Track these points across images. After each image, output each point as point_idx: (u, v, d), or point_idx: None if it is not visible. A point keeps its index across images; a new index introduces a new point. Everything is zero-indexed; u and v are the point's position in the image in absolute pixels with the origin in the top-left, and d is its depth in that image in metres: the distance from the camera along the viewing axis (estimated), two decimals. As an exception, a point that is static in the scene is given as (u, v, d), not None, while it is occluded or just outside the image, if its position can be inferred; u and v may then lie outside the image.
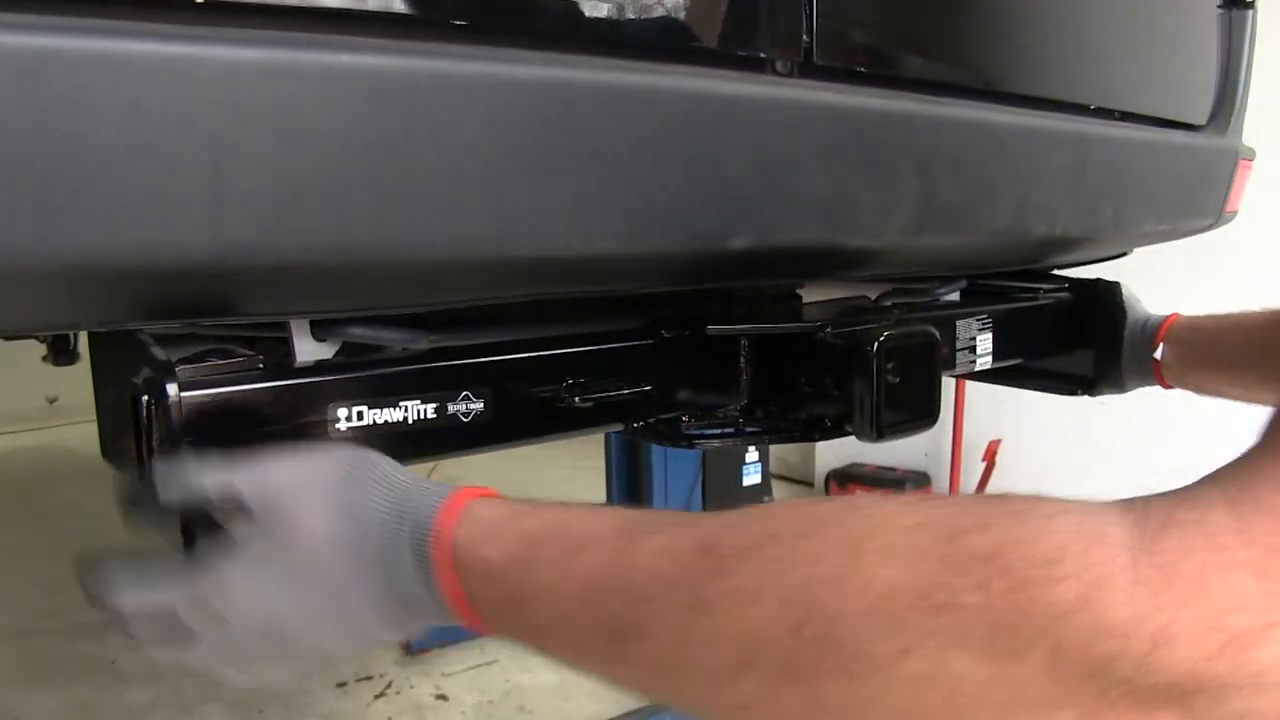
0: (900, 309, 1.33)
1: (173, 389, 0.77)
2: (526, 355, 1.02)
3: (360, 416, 0.89)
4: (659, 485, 3.02)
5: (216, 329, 0.92)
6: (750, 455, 3.24)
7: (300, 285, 0.78)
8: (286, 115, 0.67)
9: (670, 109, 0.87)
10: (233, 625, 0.73)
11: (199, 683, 2.89)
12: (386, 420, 0.91)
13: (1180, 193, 1.55)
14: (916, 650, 0.48)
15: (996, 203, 1.19)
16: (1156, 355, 1.51)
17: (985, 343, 1.44)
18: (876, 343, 1.10)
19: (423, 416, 0.93)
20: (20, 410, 5.85)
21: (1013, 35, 1.29)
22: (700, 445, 1.20)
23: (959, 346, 1.40)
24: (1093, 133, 1.35)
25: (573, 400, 1.03)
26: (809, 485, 5.12)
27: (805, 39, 1.01)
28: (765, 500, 3.25)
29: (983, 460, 4.32)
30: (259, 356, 0.87)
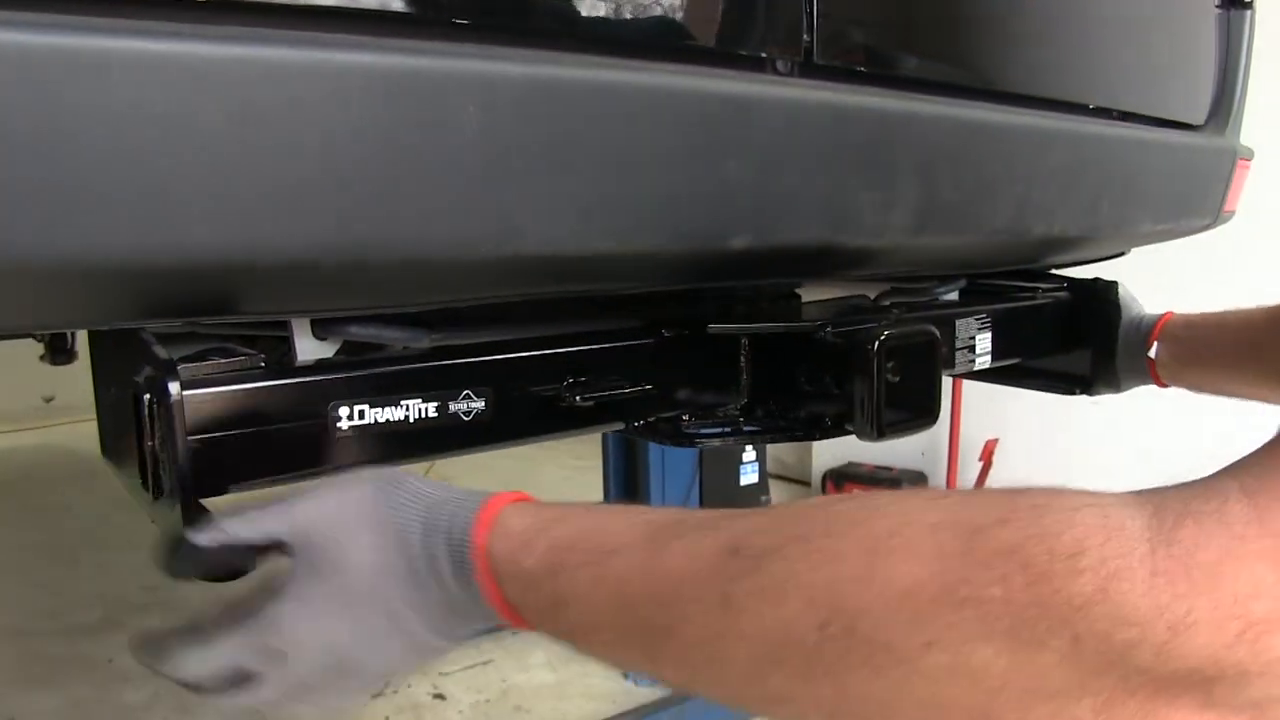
0: (900, 308, 1.34)
1: (175, 387, 0.77)
2: (527, 354, 1.02)
3: (362, 415, 0.89)
4: (656, 485, 3.02)
5: (216, 328, 0.92)
6: (747, 455, 3.23)
7: (302, 284, 0.78)
8: (288, 113, 0.67)
9: (670, 108, 0.88)
10: (294, 661, 0.75)
11: (196, 682, 2.89)
12: (388, 419, 0.91)
13: (1178, 192, 1.55)
14: (940, 643, 0.49)
15: (996, 202, 1.20)
16: (1151, 354, 1.51)
17: (984, 342, 1.44)
18: (877, 342, 1.10)
19: (424, 415, 0.93)
20: (17, 409, 5.84)
21: (1012, 35, 1.29)
22: (701, 444, 1.21)
23: (958, 346, 1.40)
24: (1091, 132, 1.35)
25: (574, 399, 1.03)
26: (805, 485, 5.12)
27: (806, 38, 1.01)
28: (763, 500, 3.26)
29: (979, 460, 4.31)
30: (260, 355, 0.87)
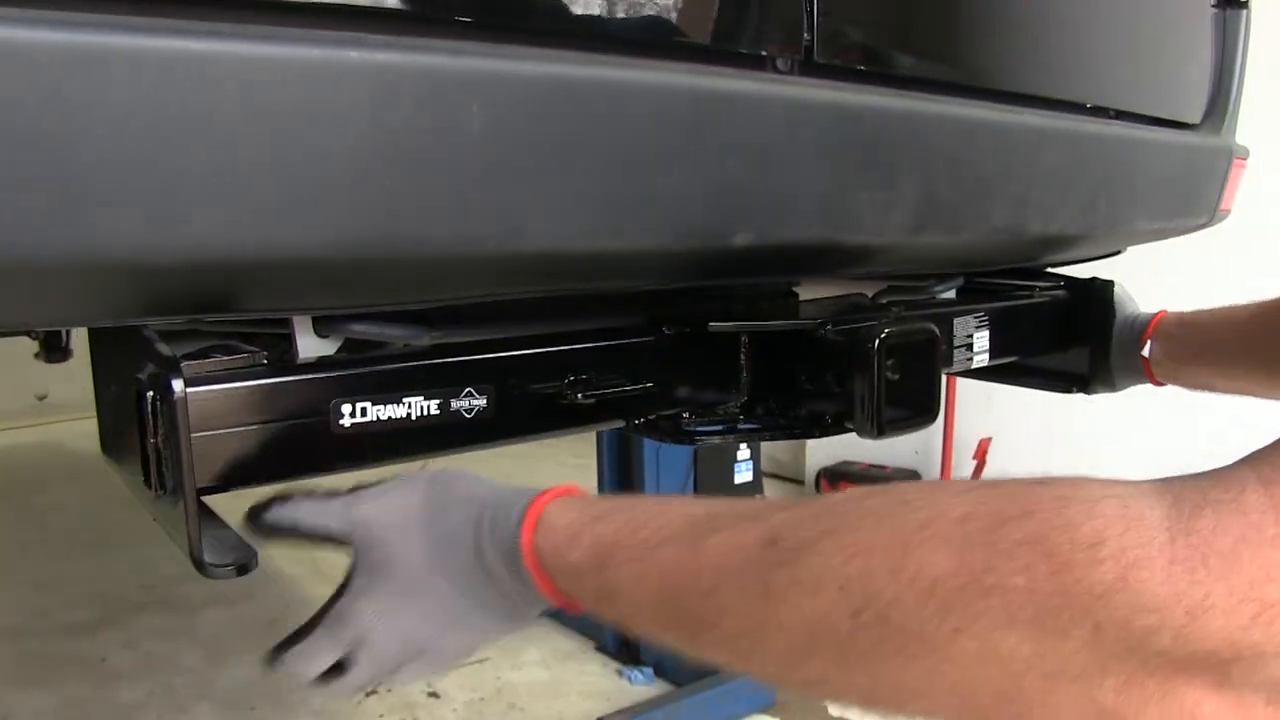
0: (899, 306, 1.34)
1: (178, 384, 0.77)
2: (529, 352, 1.02)
3: (364, 413, 0.90)
4: (651, 483, 3.02)
5: (217, 325, 0.92)
6: (742, 453, 3.23)
7: (306, 281, 0.78)
8: (291, 111, 0.67)
9: (671, 106, 0.88)
10: (371, 646, 0.83)
11: (191, 681, 2.89)
12: (390, 416, 0.91)
13: (1175, 191, 1.55)
14: (968, 631, 0.52)
15: (994, 200, 1.20)
16: (1145, 353, 1.52)
17: (982, 340, 1.45)
18: (878, 340, 1.10)
19: (426, 413, 0.94)
20: (10, 407, 5.84)
21: (1011, 34, 1.29)
22: (701, 442, 1.21)
23: (956, 344, 1.40)
24: (1088, 131, 1.36)
25: (575, 397, 1.03)
26: (799, 483, 5.13)
27: (806, 37, 1.02)
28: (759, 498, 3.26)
29: (973, 459, 4.32)
30: (263, 353, 0.87)
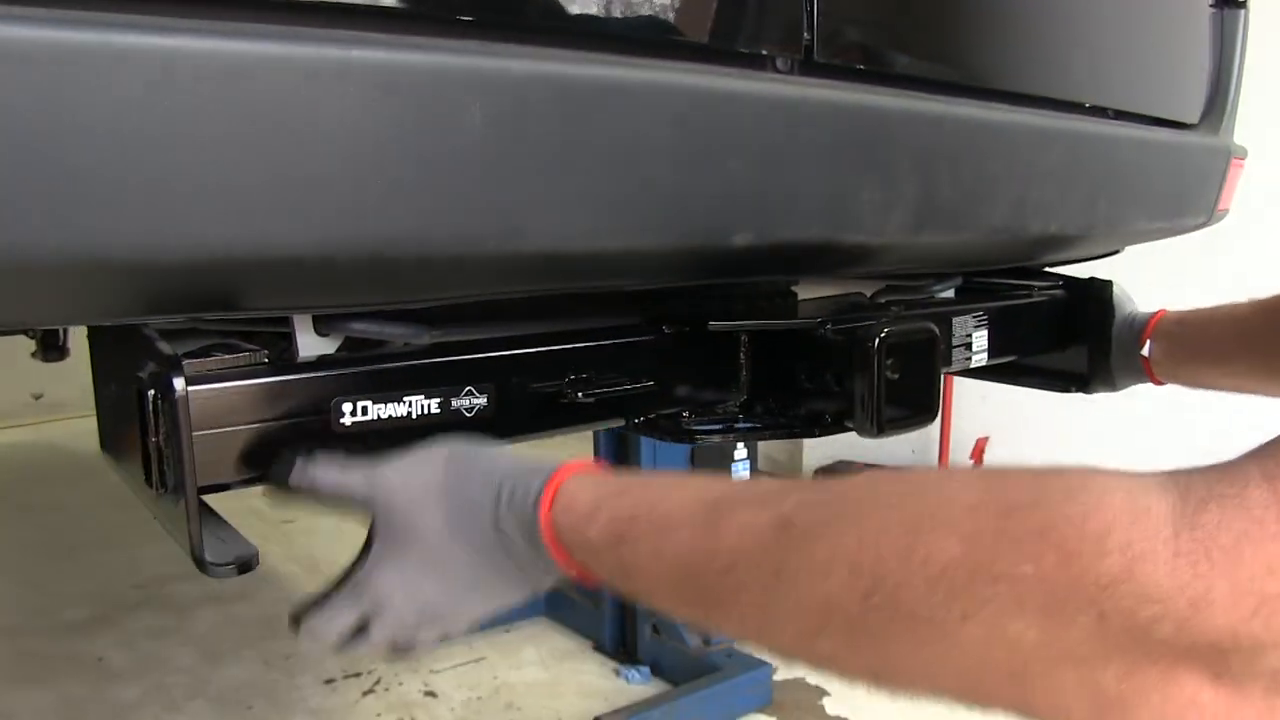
0: (899, 306, 1.34)
1: (179, 383, 0.77)
2: (529, 351, 1.03)
3: (365, 411, 0.90)
4: (647, 482, 3.01)
5: (217, 323, 0.92)
6: (739, 452, 3.23)
7: (308, 280, 0.78)
8: (294, 110, 0.67)
9: (671, 105, 0.88)
10: (390, 611, 0.85)
11: (187, 679, 2.88)
12: (390, 415, 0.92)
13: (1173, 191, 1.56)
14: (976, 616, 0.53)
15: (993, 200, 1.20)
16: (1145, 352, 1.52)
17: (981, 339, 1.45)
18: (878, 339, 1.10)
19: (426, 411, 0.94)
20: (6, 406, 5.82)
21: (1010, 34, 1.30)
22: (701, 440, 1.21)
23: (955, 343, 1.40)
24: (1087, 131, 1.36)
25: (575, 395, 1.04)
26: (797, 482, 5.11)
27: (806, 37, 1.02)
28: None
29: (970, 458, 4.32)
30: (263, 351, 0.87)
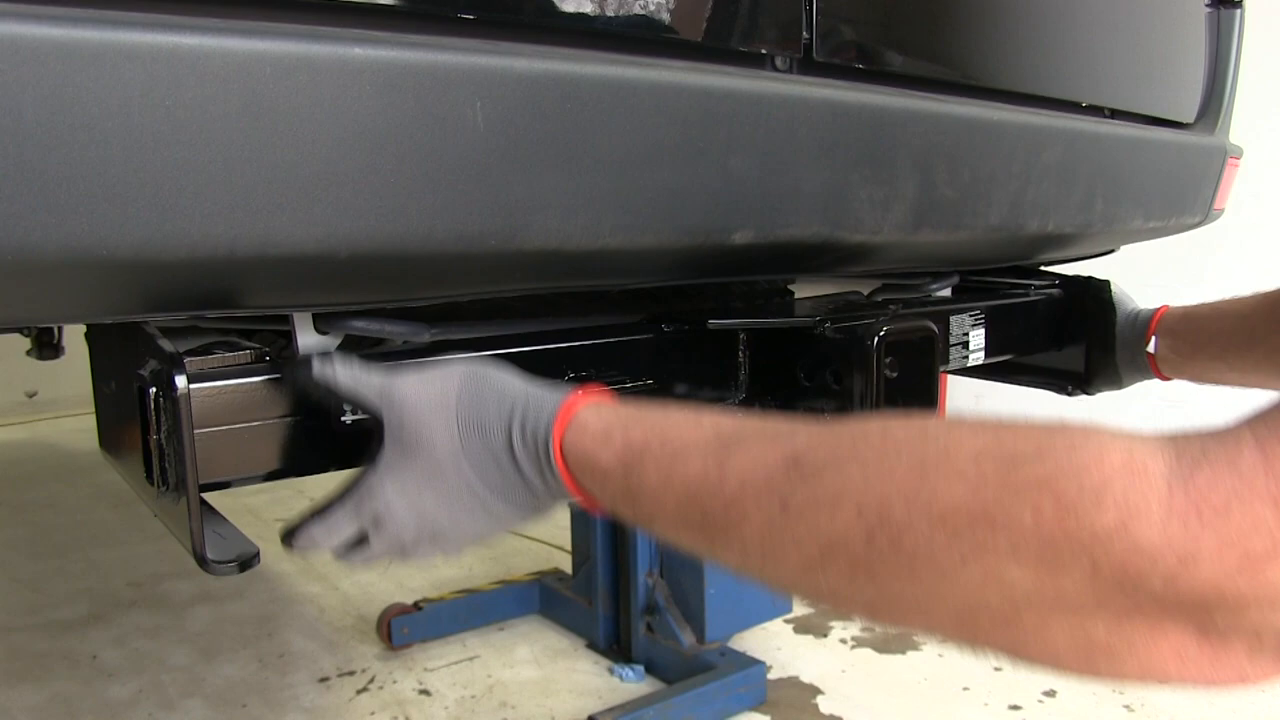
0: (897, 304, 1.34)
1: (181, 381, 0.77)
2: (529, 349, 1.02)
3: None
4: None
5: (216, 321, 0.92)
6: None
7: (310, 278, 0.78)
8: (294, 108, 0.67)
9: (671, 104, 0.88)
10: (390, 523, 0.85)
11: (181, 678, 2.88)
12: (391, 413, 0.91)
13: (1169, 190, 1.56)
14: (974, 560, 0.55)
15: (991, 198, 1.20)
16: (1150, 348, 1.52)
17: (978, 338, 1.45)
18: (877, 337, 1.11)
19: (426, 410, 0.93)
20: (0, 405, 5.82)
21: (1008, 33, 1.30)
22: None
23: (952, 342, 1.41)
24: (1083, 130, 1.36)
25: (575, 394, 1.03)
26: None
27: (805, 36, 1.02)
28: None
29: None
30: (264, 349, 0.87)
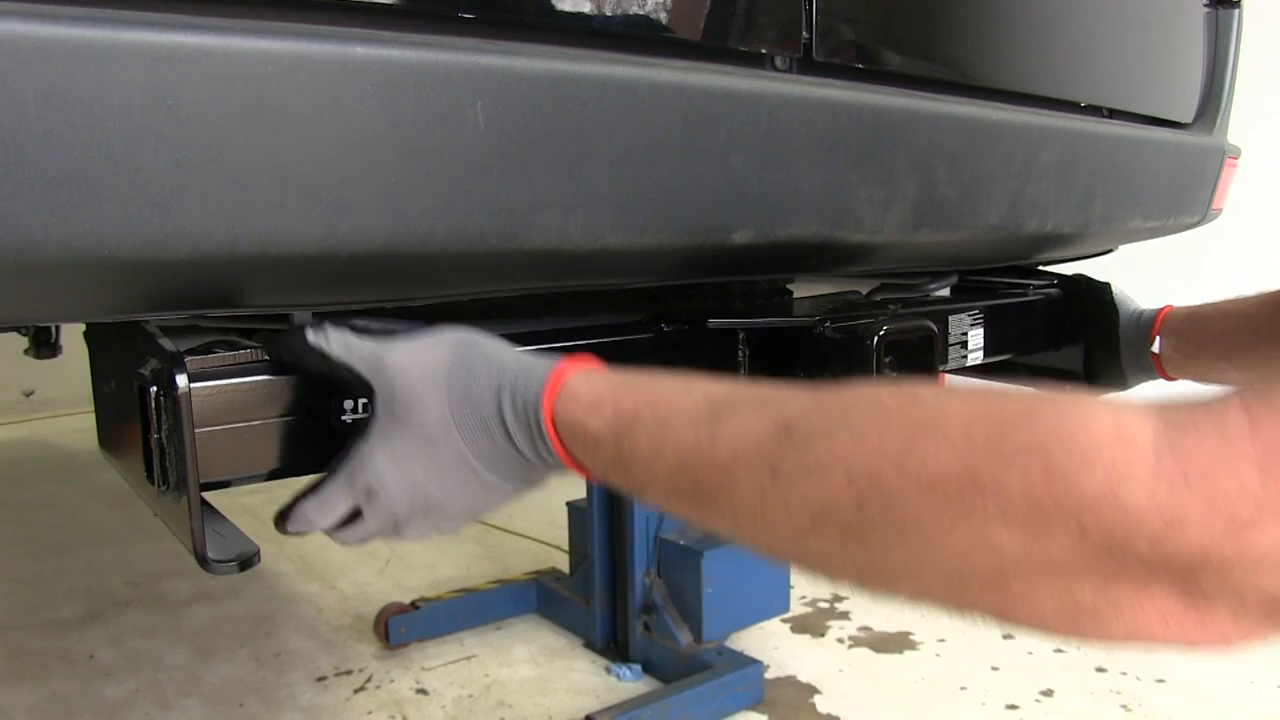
0: (896, 304, 1.34)
1: (182, 380, 0.77)
2: (529, 349, 1.02)
3: (366, 408, 0.89)
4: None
5: (215, 320, 0.92)
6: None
7: (312, 277, 0.78)
8: (295, 107, 0.67)
9: (671, 103, 0.88)
10: (383, 496, 0.83)
11: (178, 677, 2.88)
12: (391, 412, 0.91)
13: (1167, 190, 1.56)
14: (963, 524, 0.55)
15: (990, 198, 1.21)
16: (1155, 349, 1.52)
17: (977, 338, 1.45)
18: (876, 337, 1.11)
19: (427, 408, 0.93)
20: (-4, 404, 5.82)
21: (1006, 33, 1.30)
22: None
23: (951, 341, 1.41)
24: (1082, 129, 1.36)
25: (574, 393, 1.03)
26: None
27: (805, 36, 1.02)
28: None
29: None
30: (264, 348, 0.87)
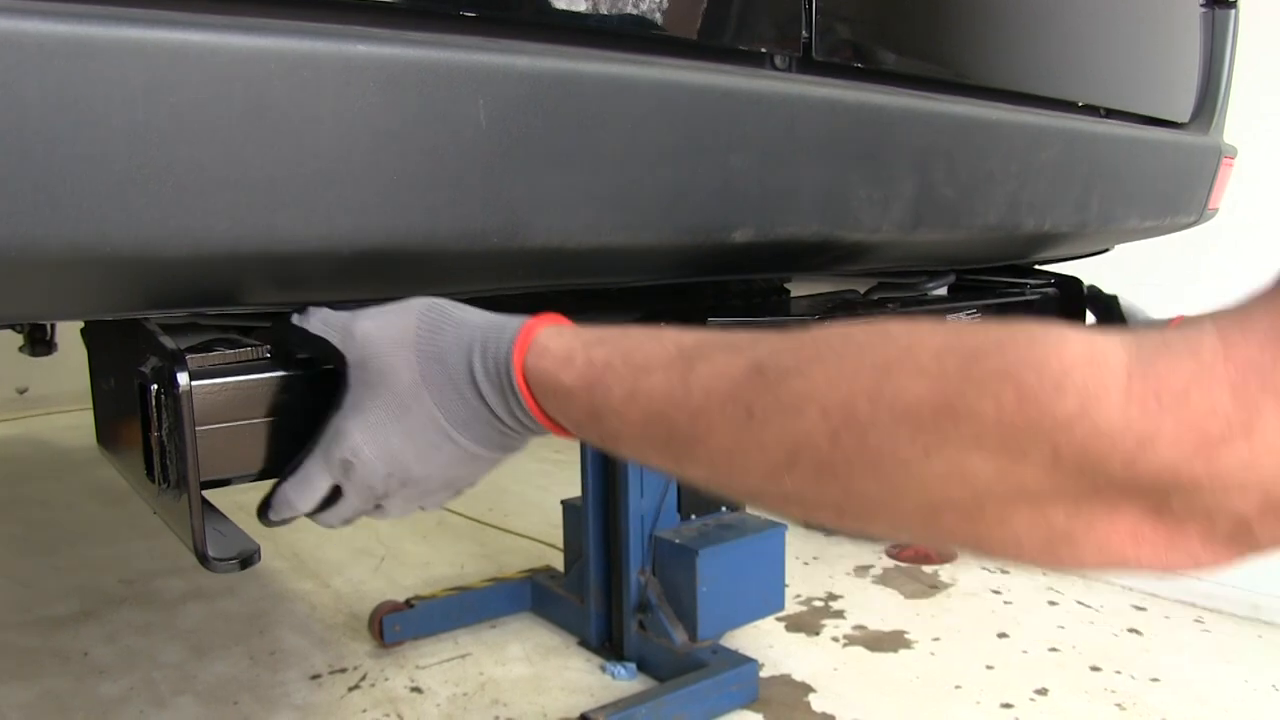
0: (894, 303, 1.34)
1: (183, 378, 0.77)
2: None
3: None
4: (634, 477, 3.02)
5: (214, 318, 0.92)
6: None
7: (312, 274, 0.78)
8: (297, 105, 0.67)
9: (671, 102, 0.88)
10: (360, 468, 0.82)
11: (173, 675, 2.88)
12: (391, 410, 0.91)
13: (1164, 189, 1.57)
14: (938, 451, 0.55)
15: (988, 197, 1.21)
16: None
17: (974, 337, 1.44)
18: (876, 336, 1.10)
19: (427, 407, 0.93)
20: (-10, 401, 5.81)
21: (1004, 33, 1.30)
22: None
23: (949, 340, 1.40)
24: (1080, 129, 1.36)
25: (574, 392, 1.03)
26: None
27: (804, 35, 1.02)
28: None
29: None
30: (265, 346, 0.87)
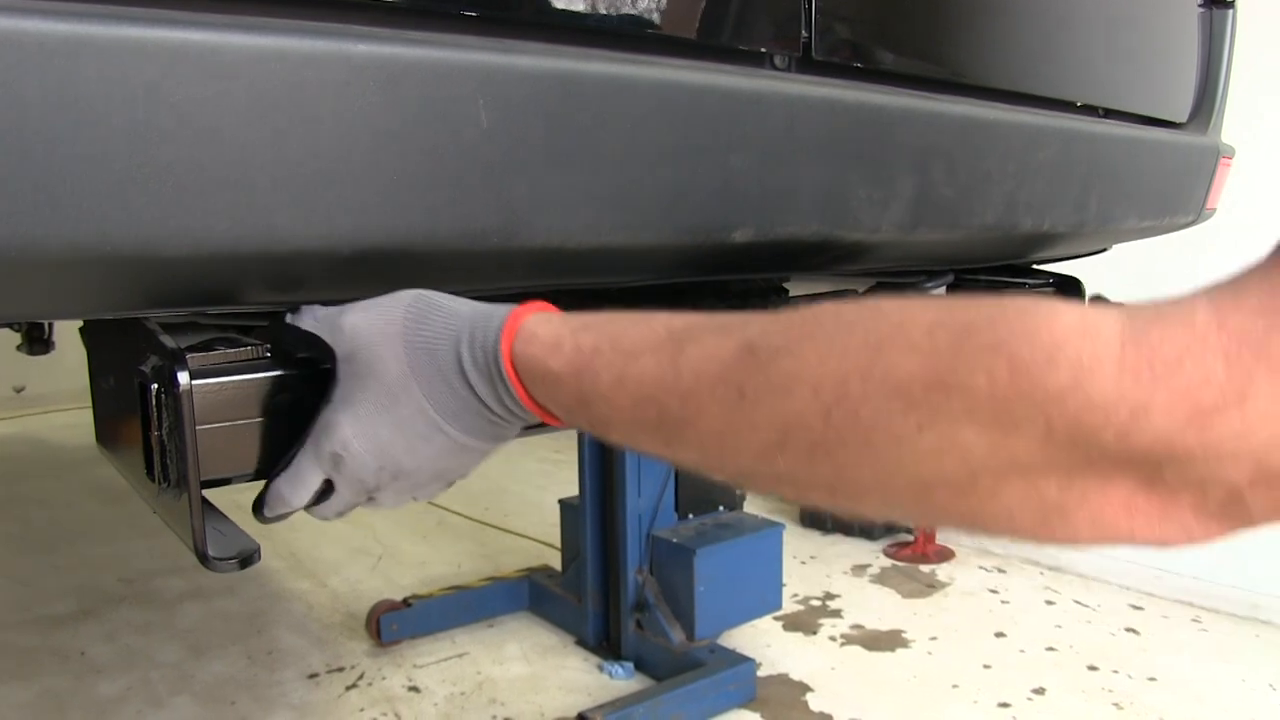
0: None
1: (184, 377, 0.77)
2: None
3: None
4: (631, 478, 3.01)
5: (214, 317, 0.92)
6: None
7: (311, 273, 0.78)
8: (298, 104, 0.67)
9: (671, 102, 0.88)
10: (350, 461, 0.81)
11: (170, 674, 2.87)
12: (391, 409, 0.91)
13: (1162, 189, 1.57)
14: (930, 426, 0.55)
15: (987, 197, 1.21)
16: None
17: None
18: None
19: (427, 406, 0.93)
20: (-13, 400, 5.80)
21: (1003, 33, 1.30)
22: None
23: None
24: (1078, 129, 1.37)
25: (573, 391, 1.03)
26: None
27: (804, 35, 1.02)
28: (738, 494, 3.27)
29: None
30: (266, 345, 0.87)
